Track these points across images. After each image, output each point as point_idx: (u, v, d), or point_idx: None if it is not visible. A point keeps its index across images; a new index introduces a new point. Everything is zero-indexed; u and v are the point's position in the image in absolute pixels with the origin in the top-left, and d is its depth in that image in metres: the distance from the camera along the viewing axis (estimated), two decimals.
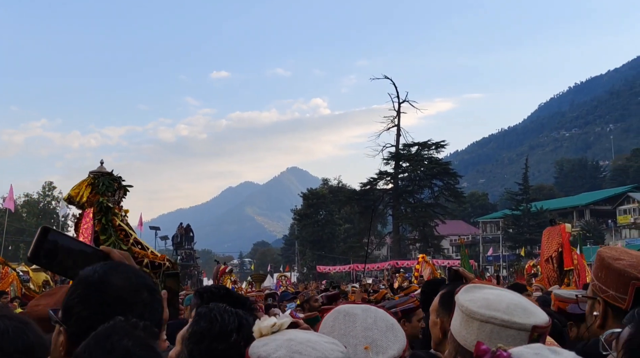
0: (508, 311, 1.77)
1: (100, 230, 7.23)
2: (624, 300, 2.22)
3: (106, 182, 7.44)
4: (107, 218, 7.26)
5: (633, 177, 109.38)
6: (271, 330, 1.62)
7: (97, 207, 7.28)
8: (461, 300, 1.89)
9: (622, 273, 2.23)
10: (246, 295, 9.77)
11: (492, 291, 1.91)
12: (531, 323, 1.74)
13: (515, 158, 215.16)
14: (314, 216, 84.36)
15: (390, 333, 1.97)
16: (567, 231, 12.12)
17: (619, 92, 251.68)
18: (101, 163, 7.84)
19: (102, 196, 7.32)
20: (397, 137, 70.62)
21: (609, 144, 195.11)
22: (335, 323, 1.96)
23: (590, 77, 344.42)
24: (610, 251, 2.38)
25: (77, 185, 7.52)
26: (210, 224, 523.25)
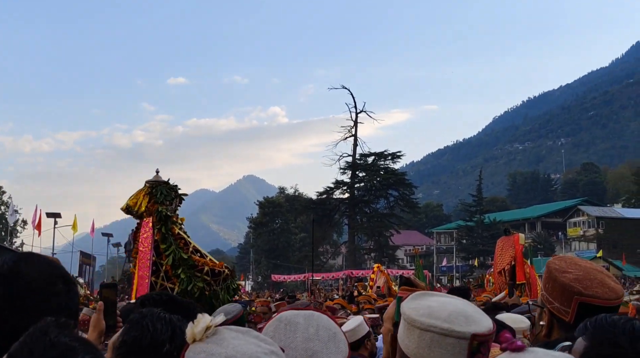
0: (449, 320, 1.77)
1: (161, 239, 7.22)
2: (567, 312, 2.26)
3: (164, 191, 7.47)
4: (166, 227, 7.29)
5: (583, 190, 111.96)
6: (205, 335, 1.55)
7: (157, 216, 7.29)
8: (404, 308, 1.88)
9: (567, 287, 2.26)
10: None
11: (439, 299, 1.90)
12: (471, 331, 1.74)
13: (470, 170, 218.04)
14: (270, 225, 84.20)
15: (332, 344, 1.93)
16: (520, 242, 12.32)
17: (570, 107, 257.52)
18: (157, 172, 7.84)
19: (160, 205, 7.33)
20: (354, 147, 71.00)
21: (560, 158, 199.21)
22: (276, 334, 1.90)
23: (543, 92, 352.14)
24: (559, 262, 2.41)
25: (135, 194, 7.53)
26: None
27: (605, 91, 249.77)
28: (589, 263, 2.43)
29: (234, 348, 1.53)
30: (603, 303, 2.21)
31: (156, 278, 7.03)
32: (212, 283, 7.02)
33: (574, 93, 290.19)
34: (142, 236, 7.28)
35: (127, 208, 7.50)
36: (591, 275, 2.31)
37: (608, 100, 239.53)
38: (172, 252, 7.06)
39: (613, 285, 2.31)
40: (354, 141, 70.93)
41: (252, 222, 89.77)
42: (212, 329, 1.55)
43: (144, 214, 7.37)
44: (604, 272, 2.39)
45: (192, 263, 7.08)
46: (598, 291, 2.23)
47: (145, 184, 7.60)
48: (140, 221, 7.44)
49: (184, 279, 6.90)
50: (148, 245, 7.13)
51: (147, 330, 1.89)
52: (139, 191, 7.54)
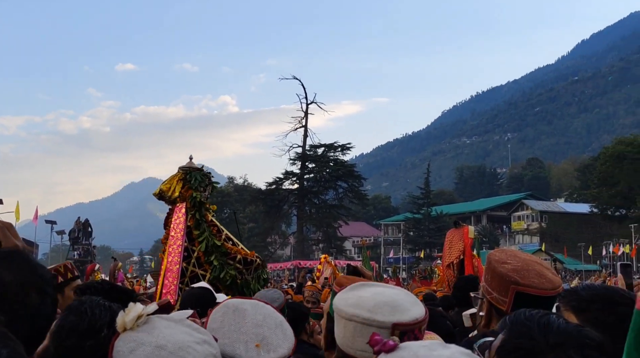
0: (373, 310, 1.79)
1: (194, 225, 7.13)
2: (505, 302, 2.30)
3: (199, 177, 7.37)
4: (200, 213, 7.21)
5: (527, 185, 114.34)
6: (136, 324, 1.54)
7: (191, 202, 7.20)
8: (336, 298, 1.92)
9: (504, 276, 2.30)
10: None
11: (374, 289, 1.91)
12: (392, 320, 1.77)
13: (418, 163, 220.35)
14: (218, 215, 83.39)
15: (280, 331, 1.96)
16: (470, 235, 12.40)
17: (516, 103, 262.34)
18: (190, 159, 7.73)
19: (195, 191, 7.24)
20: (304, 138, 70.97)
21: (507, 152, 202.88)
22: (225, 318, 1.92)
23: (491, 87, 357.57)
24: (499, 254, 2.45)
25: (168, 180, 7.46)
26: (111, 219, 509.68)
27: (551, 88, 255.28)
28: (529, 256, 2.49)
29: (165, 337, 1.52)
30: (539, 293, 2.26)
31: (187, 264, 6.99)
32: (243, 272, 7.02)
33: (521, 89, 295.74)
34: (175, 221, 7.15)
35: (160, 193, 7.47)
36: (529, 266, 2.35)
37: (553, 97, 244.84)
38: (205, 239, 7.05)
39: (550, 276, 2.35)
40: (304, 132, 70.90)
41: None
42: (143, 318, 1.54)
43: (177, 199, 7.27)
44: (542, 264, 2.43)
45: (224, 250, 7.07)
46: (535, 281, 2.28)
47: (179, 170, 7.53)
48: (173, 207, 7.33)
49: (216, 266, 6.90)
50: (180, 231, 7.02)
51: (85, 315, 1.87)
52: (172, 176, 7.50)
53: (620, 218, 75.31)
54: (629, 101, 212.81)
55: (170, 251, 6.98)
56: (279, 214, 72.31)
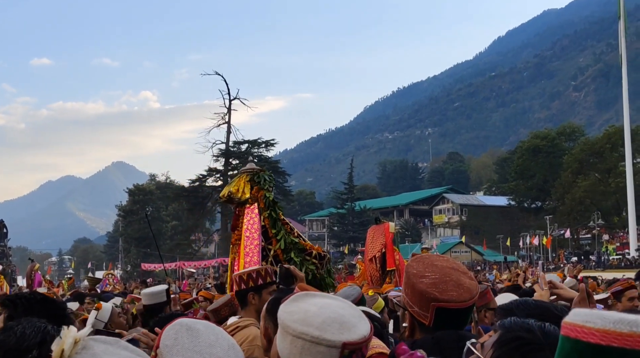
0: (321, 327, 1.76)
1: (270, 224, 7.21)
2: (426, 317, 2.33)
3: (267, 177, 7.47)
4: (275, 212, 7.29)
5: (448, 179, 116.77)
6: (75, 350, 1.43)
7: (264, 202, 7.25)
8: (281, 311, 1.87)
9: (424, 293, 2.33)
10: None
11: (319, 301, 1.89)
12: (342, 340, 1.74)
13: (342, 158, 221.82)
14: (140, 213, 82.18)
15: (232, 352, 1.91)
16: (390, 231, 12.57)
17: (437, 98, 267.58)
18: (250, 161, 8.04)
19: (266, 191, 7.32)
20: (227, 134, 70.36)
21: (428, 147, 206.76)
22: (179, 336, 1.85)
23: (412, 82, 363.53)
24: (416, 266, 2.45)
25: (235, 182, 7.49)
26: (28, 219, 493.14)
27: (470, 83, 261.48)
28: (446, 262, 2.50)
29: None
30: (457, 306, 2.32)
31: (265, 263, 6.98)
32: (319, 267, 7.20)
33: (441, 84, 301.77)
34: (248, 222, 7.23)
35: (229, 194, 7.54)
36: (447, 276, 2.38)
37: (472, 92, 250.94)
38: (283, 236, 7.20)
39: (468, 285, 2.38)
40: (227, 128, 70.30)
41: (122, 210, 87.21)
42: (80, 343, 1.45)
43: (248, 200, 7.33)
44: (459, 269, 2.46)
45: (301, 246, 7.25)
46: (453, 295, 2.32)
47: (241, 172, 7.71)
48: (241, 208, 7.41)
49: (296, 262, 6.93)
50: (256, 231, 7.15)
51: (14, 334, 1.85)
52: (238, 178, 7.65)
53: (537, 210, 77.88)
54: (544, 96, 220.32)
55: (248, 251, 7.04)
56: (203, 212, 71.56)
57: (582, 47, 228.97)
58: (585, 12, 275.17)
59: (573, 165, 67.50)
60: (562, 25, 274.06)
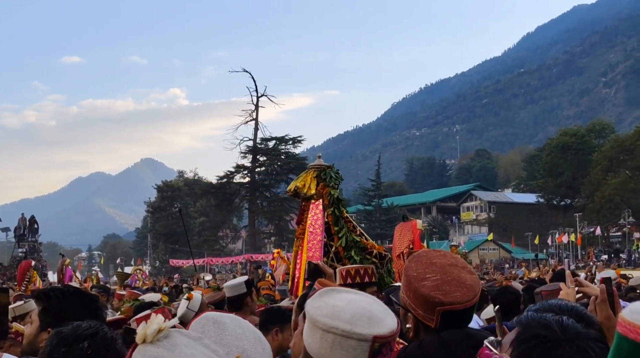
0: (351, 321, 1.79)
1: (333, 221, 7.25)
2: (432, 320, 2.31)
3: (333, 174, 7.48)
4: (339, 210, 7.33)
5: (476, 176, 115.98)
6: (157, 337, 1.48)
7: (329, 199, 7.29)
8: (309, 306, 1.89)
9: (428, 298, 2.30)
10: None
11: (345, 296, 1.91)
12: (372, 333, 1.77)
13: (369, 155, 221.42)
14: (168, 209, 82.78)
15: (259, 345, 1.94)
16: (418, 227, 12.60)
17: (465, 95, 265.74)
18: (318, 157, 7.87)
19: (331, 189, 7.35)
20: (255, 131, 70.64)
21: (455, 144, 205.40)
22: (205, 330, 1.89)
23: (439, 79, 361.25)
24: (415, 267, 2.41)
25: (302, 178, 7.57)
26: (58, 215, 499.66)
27: (498, 80, 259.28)
28: (444, 258, 2.46)
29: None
30: (462, 307, 2.30)
31: (326, 259, 7.12)
32: (379, 266, 7.17)
33: (469, 81, 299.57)
34: (312, 218, 7.30)
35: (295, 190, 7.60)
36: (448, 276, 2.35)
37: (500, 89, 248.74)
38: (345, 234, 7.21)
39: (470, 281, 2.36)
40: (255, 125, 70.57)
41: (150, 206, 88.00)
42: (164, 332, 1.49)
43: (313, 196, 7.40)
44: (458, 265, 2.43)
45: (362, 245, 7.27)
46: (457, 296, 2.30)
47: (309, 168, 7.73)
48: (306, 203, 7.48)
49: (356, 260, 7.00)
50: (319, 227, 7.21)
51: (71, 324, 1.96)
52: (305, 174, 7.69)
53: (566, 207, 77.11)
54: (573, 93, 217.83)
55: (310, 246, 7.12)
56: (231, 208, 71.91)
57: (612, 43, 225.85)
58: (615, 8, 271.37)
59: (603, 162, 66.74)
60: (592, 22, 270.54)
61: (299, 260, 7.25)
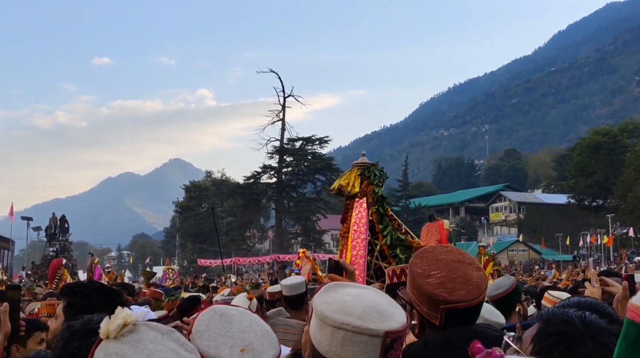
0: (362, 317, 1.73)
1: (377, 219, 7.25)
2: (436, 317, 2.25)
3: (377, 173, 7.55)
4: (383, 208, 7.32)
5: (505, 176, 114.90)
6: (121, 333, 1.45)
7: (373, 197, 7.30)
8: (316, 303, 1.82)
9: (432, 295, 2.24)
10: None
11: (352, 291, 1.85)
12: (384, 328, 1.73)
13: (397, 155, 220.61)
14: (196, 209, 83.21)
15: (266, 339, 1.90)
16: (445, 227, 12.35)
17: (494, 94, 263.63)
18: (362, 154, 8.04)
19: (375, 187, 7.38)
20: (281, 131, 70.76)
21: (484, 144, 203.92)
22: (211, 322, 1.86)
23: (468, 79, 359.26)
24: (420, 263, 2.34)
25: (346, 176, 7.63)
26: (88, 215, 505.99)
27: (528, 79, 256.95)
28: (451, 253, 2.39)
29: (149, 355, 1.43)
30: (468, 305, 2.24)
31: (370, 257, 7.16)
32: None
33: (498, 81, 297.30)
34: (356, 216, 7.32)
35: (339, 188, 7.62)
36: (453, 273, 2.29)
37: (530, 88, 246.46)
38: (389, 232, 7.19)
39: (476, 279, 2.29)
40: (281, 125, 70.67)
41: (178, 206, 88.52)
42: (129, 326, 1.46)
43: (357, 194, 7.42)
44: (465, 261, 2.36)
45: (407, 243, 7.25)
46: (462, 294, 2.23)
47: (353, 166, 7.78)
48: (351, 201, 7.49)
49: (401, 258, 6.99)
50: (363, 225, 7.22)
51: (81, 318, 1.98)
52: (349, 172, 7.73)
53: (597, 208, 75.94)
54: (605, 92, 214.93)
55: (355, 245, 7.08)
56: (258, 208, 72.07)
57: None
58: None
59: (636, 162, 65.63)
60: (625, 19, 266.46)
61: (344, 258, 7.08)
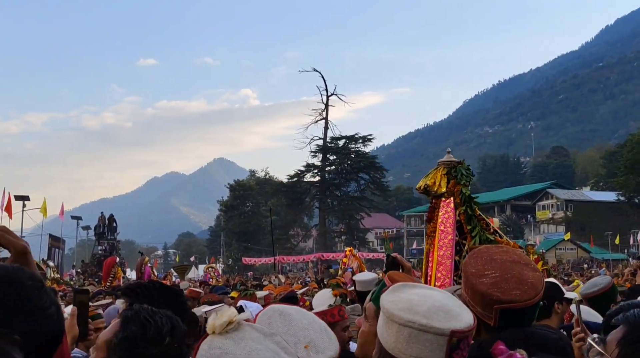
0: (428, 315, 1.75)
1: (465, 220, 7.11)
2: (490, 318, 2.21)
3: (464, 171, 7.32)
4: (471, 208, 7.16)
5: (552, 174, 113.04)
6: (226, 329, 1.55)
7: (460, 197, 7.16)
8: (384, 301, 1.84)
9: (485, 295, 2.20)
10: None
11: (420, 291, 1.87)
12: (450, 327, 1.74)
13: (440, 153, 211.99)
14: (241, 208, 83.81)
15: (325, 335, 1.98)
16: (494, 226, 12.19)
17: (540, 90, 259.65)
18: (448, 152, 7.73)
19: (463, 186, 7.20)
20: (325, 130, 70.85)
21: (530, 141, 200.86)
22: (272, 321, 1.92)
23: (513, 75, 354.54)
24: (474, 263, 2.31)
25: (432, 175, 7.43)
26: (134, 214, 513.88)
27: (575, 75, 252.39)
28: (506, 254, 2.36)
29: (250, 352, 1.50)
30: (522, 306, 2.19)
31: (459, 258, 7.00)
32: None
33: (544, 77, 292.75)
34: (443, 216, 7.20)
35: (425, 187, 7.47)
36: (508, 273, 2.25)
37: (578, 84, 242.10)
38: (478, 233, 7.02)
39: (532, 279, 2.24)
40: (325, 124, 70.75)
41: (223, 205, 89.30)
42: (234, 324, 1.54)
43: (444, 194, 7.27)
44: (521, 261, 2.32)
45: (497, 244, 6.99)
46: (516, 294, 2.19)
47: (439, 164, 7.53)
48: (437, 201, 7.34)
49: None
50: (451, 225, 7.11)
51: (149, 324, 1.87)
52: (435, 171, 7.49)
53: None
54: None
55: (442, 245, 7.03)
56: (301, 207, 72.26)
57: None
58: None
59: None
60: None
61: (431, 258, 7.09)
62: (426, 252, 7.42)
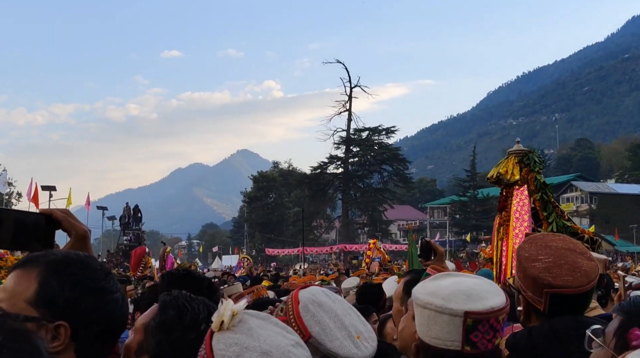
0: (447, 298, 1.80)
1: (541, 207, 7.25)
2: (540, 302, 2.22)
3: (537, 159, 7.55)
4: (547, 195, 7.33)
5: (576, 166, 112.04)
6: (232, 323, 1.47)
7: (535, 184, 7.33)
8: (416, 287, 1.94)
9: (537, 279, 2.21)
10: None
11: (456, 279, 1.91)
12: (464, 309, 1.77)
13: (464, 145, 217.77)
14: (264, 199, 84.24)
15: (361, 320, 1.90)
16: None
17: (564, 82, 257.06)
18: (517, 142, 8.02)
19: (536, 174, 7.40)
20: (348, 122, 70.91)
21: (554, 133, 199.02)
22: (317, 317, 1.79)
23: (537, 67, 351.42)
24: (529, 248, 2.31)
25: (503, 164, 7.64)
26: (159, 205, 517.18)
27: (600, 66, 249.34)
28: (562, 242, 2.35)
29: (266, 340, 1.46)
30: (573, 292, 2.18)
31: None
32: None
33: (569, 68, 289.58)
34: (517, 204, 7.34)
35: (497, 175, 7.61)
36: (562, 259, 2.24)
37: (603, 75, 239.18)
38: (554, 220, 7.14)
39: (585, 267, 2.23)
40: (348, 115, 70.82)
41: (247, 196, 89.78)
42: (237, 316, 1.49)
43: (518, 182, 7.44)
44: (577, 250, 2.31)
45: (573, 230, 7.13)
46: (568, 280, 2.18)
47: (509, 154, 7.75)
48: (509, 189, 7.51)
49: None
50: (526, 213, 7.22)
51: (186, 309, 1.92)
52: (506, 160, 7.72)
53: None
54: None
55: (517, 233, 7.10)
56: (324, 199, 72.46)
57: None
58: None
59: None
60: None
61: (505, 247, 7.19)
62: (499, 241, 7.56)
